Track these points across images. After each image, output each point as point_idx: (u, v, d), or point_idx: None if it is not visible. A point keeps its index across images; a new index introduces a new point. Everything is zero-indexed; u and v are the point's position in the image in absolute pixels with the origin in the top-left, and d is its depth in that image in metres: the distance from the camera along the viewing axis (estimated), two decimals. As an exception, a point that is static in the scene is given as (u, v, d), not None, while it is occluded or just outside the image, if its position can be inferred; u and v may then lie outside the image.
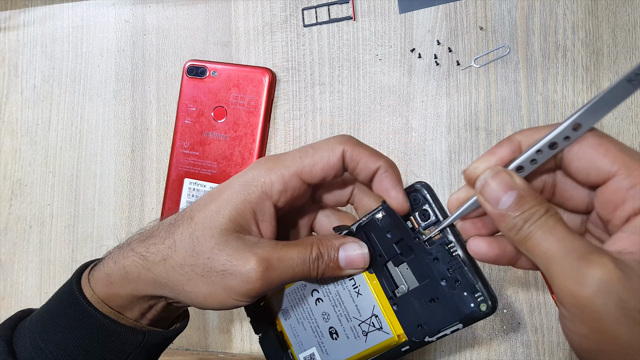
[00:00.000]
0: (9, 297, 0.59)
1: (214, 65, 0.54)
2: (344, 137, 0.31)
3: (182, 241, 0.31)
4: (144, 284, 0.32)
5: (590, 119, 0.25)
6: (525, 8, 0.49)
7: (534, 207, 0.25)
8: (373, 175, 0.31)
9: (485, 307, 0.29)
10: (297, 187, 0.31)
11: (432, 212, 0.31)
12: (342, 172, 0.32)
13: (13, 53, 0.61)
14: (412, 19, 0.51)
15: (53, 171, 0.59)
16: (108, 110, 0.58)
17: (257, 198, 0.30)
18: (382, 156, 0.31)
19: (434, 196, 0.31)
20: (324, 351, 0.34)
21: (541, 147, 0.26)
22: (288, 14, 0.54)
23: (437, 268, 0.30)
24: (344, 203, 0.35)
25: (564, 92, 0.48)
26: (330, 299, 0.34)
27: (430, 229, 0.31)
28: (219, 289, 0.30)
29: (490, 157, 0.27)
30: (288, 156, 0.31)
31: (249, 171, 0.31)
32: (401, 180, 0.31)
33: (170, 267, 0.31)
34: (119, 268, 0.32)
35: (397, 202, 0.31)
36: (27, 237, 0.59)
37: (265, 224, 0.31)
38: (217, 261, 0.30)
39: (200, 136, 0.54)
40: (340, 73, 0.52)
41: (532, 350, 0.48)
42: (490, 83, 0.49)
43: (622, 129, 0.47)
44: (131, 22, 0.58)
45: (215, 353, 0.54)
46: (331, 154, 0.31)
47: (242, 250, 0.30)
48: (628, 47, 0.47)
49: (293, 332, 0.36)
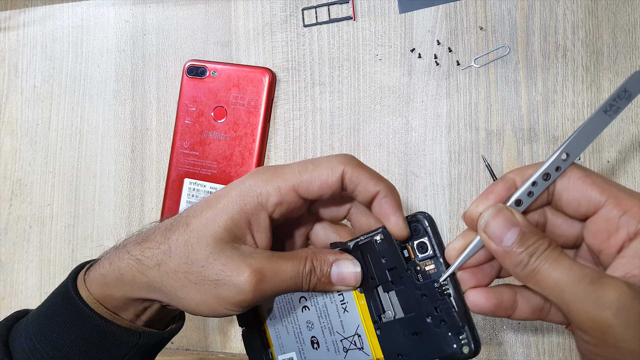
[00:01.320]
0: (9, 297, 0.59)
1: (214, 65, 0.54)
2: (346, 157, 0.31)
3: (177, 247, 0.31)
4: (138, 287, 0.32)
5: (576, 148, 0.27)
6: (525, 8, 0.49)
7: (537, 241, 0.26)
8: (373, 199, 0.31)
9: (467, 350, 0.29)
10: (294, 201, 0.31)
11: (431, 245, 0.30)
12: (340, 191, 0.32)
13: (13, 53, 0.61)
14: (412, 19, 0.51)
15: (53, 171, 0.59)
16: (108, 110, 0.58)
17: (252, 208, 0.31)
18: (382, 180, 0.31)
19: (434, 229, 0.31)
20: (302, 358, 0.35)
21: (536, 179, 0.28)
22: (288, 14, 0.54)
23: (425, 304, 0.30)
24: (340, 219, 0.35)
25: (564, 92, 0.48)
26: (317, 309, 0.34)
27: (426, 262, 0.30)
28: (211, 297, 0.30)
29: (489, 196, 0.28)
30: (287, 169, 0.31)
31: (246, 180, 0.31)
32: (401, 205, 0.31)
33: (165, 273, 0.31)
34: (114, 270, 0.32)
35: (397, 228, 0.30)
36: (27, 237, 0.59)
37: (260, 235, 0.31)
38: (211, 270, 0.30)
39: (200, 136, 0.54)
40: (340, 73, 0.52)
41: (532, 350, 0.48)
42: (490, 83, 0.49)
43: (622, 129, 0.47)
44: (131, 22, 0.58)
45: (215, 353, 0.54)
46: (330, 173, 0.30)
47: (237, 260, 0.30)
48: (628, 47, 0.47)
49: (276, 333, 0.36)
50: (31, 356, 0.32)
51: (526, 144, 0.49)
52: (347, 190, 0.31)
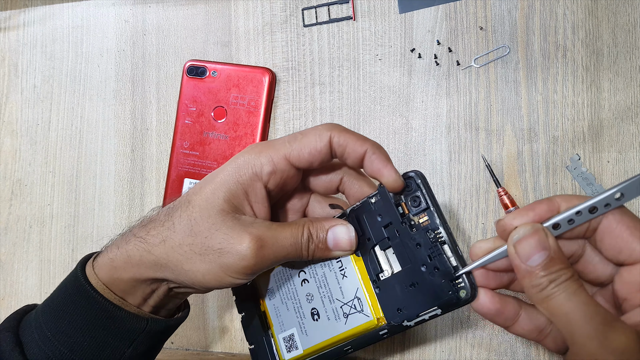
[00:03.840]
0: (9, 297, 0.59)
1: (214, 65, 0.54)
2: (331, 124, 0.33)
3: (180, 222, 0.32)
4: (146, 267, 0.33)
5: (633, 191, 0.27)
6: (525, 8, 0.49)
7: (561, 270, 0.26)
8: (362, 159, 0.32)
9: (464, 294, 0.29)
10: (286, 169, 0.32)
11: (423, 198, 0.31)
12: (329, 158, 0.33)
13: (13, 53, 0.61)
14: (412, 19, 0.51)
15: (53, 171, 0.59)
16: (108, 110, 0.58)
17: (248, 179, 0.32)
18: (368, 139, 0.32)
19: (426, 184, 0.31)
20: (303, 332, 0.35)
21: (582, 209, 0.27)
22: (288, 14, 0.54)
23: (419, 254, 0.31)
24: (334, 190, 0.36)
25: (564, 92, 0.48)
26: (316, 280, 0.35)
27: (420, 215, 0.31)
28: (216, 267, 0.31)
29: (529, 213, 0.28)
30: (278, 141, 0.33)
31: (240, 155, 0.33)
32: (390, 159, 0.32)
33: (170, 248, 0.32)
34: (122, 252, 0.33)
35: (392, 179, 0.31)
36: (27, 237, 0.59)
37: (258, 205, 0.33)
38: (214, 240, 0.31)
39: (200, 136, 0.54)
40: (340, 73, 0.52)
41: (532, 351, 0.48)
42: (490, 83, 0.49)
43: (622, 129, 0.47)
44: (131, 22, 0.58)
45: (215, 353, 0.54)
46: (318, 139, 0.32)
47: (238, 229, 0.31)
48: (628, 47, 0.47)
49: (276, 312, 0.36)
50: (42, 345, 0.33)
51: (526, 144, 0.49)
52: (336, 155, 0.33)
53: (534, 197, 0.48)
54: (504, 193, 0.47)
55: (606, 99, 0.47)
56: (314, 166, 0.33)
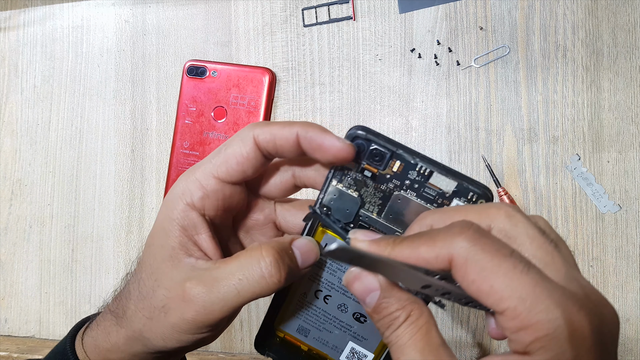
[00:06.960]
0: (9, 297, 0.59)
1: (214, 65, 0.54)
2: (253, 124, 0.28)
3: (132, 286, 0.29)
4: (123, 343, 0.29)
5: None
6: (525, 8, 0.49)
7: (395, 311, 0.23)
8: (298, 144, 0.28)
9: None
10: (219, 189, 0.28)
11: (383, 147, 0.28)
12: (263, 160, 0.28)
13: (13, 53, 0.61)
14: (412, 19, 0.51)
15: (53, 171, 0.59)
16: (108, 110, 0.58)
17: (180, 212, 0.28)
18: (295, 122, 0.28)
19: (376, 133, 0.28)
20: (360, 339, 0.32)
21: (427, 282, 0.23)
22: (288, 14, 0.54)
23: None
24: (292, 189, 0.32)
25: (564, 92, 0.48)
26: (337, 289, 0.32)
27: (390, 164, 0.28)
28: (167, 328, 0.27)
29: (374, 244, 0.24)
30: (204, 160, 0.28)
31: (173, 188, 0.29)
32: (328, 130, 0.28)
33: (129, 318, 0.29)
34: (102, 330, 0.30)
35: (337, 148, 0.27)
36: (27, 237, 0.59)
37: (202, 237, 0.28)
38: (157, 298, 0.27)
39: (200, 136, 0.54)
40: (340, 73, 0.52)
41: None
42: (490, 83, 0.49)
43: (622, 129, 0.47)
44: (131, 22, 0.58)
45: (215, 353, 0.54)
46: (242, 145, 0.28)
47: (177, 279, 0.27)
48: (628, 47, 0.47)
49: (322, 343, 0.33)
50: None
51: (526, 144, 0.49)
52: (270, 153, 0.28)
53: (534, 197, 0.48)
54: (504, 193, 0.47)
55: (606, 99, 0.47)
56: (250, 174, 0.28)
